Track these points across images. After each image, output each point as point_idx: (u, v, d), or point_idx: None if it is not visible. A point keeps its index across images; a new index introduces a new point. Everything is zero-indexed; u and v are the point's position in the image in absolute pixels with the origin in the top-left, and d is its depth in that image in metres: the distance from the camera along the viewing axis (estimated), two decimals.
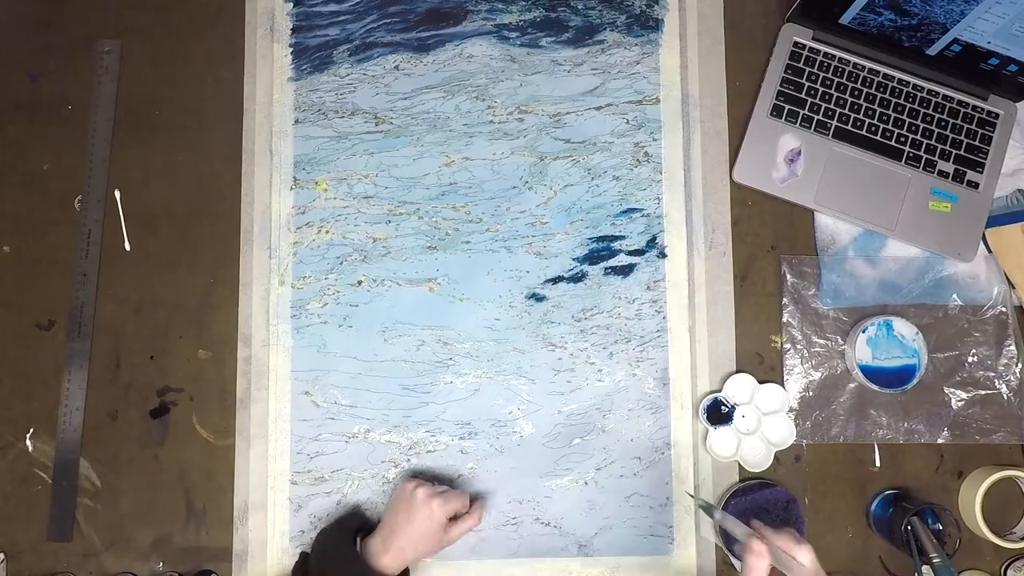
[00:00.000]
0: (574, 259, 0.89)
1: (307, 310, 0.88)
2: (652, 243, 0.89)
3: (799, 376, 0.87)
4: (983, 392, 0.87)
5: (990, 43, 0.83)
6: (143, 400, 0.87)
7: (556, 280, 0.89)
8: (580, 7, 0.92)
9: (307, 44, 0.91)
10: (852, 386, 0.87)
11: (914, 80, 0.89)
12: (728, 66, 0.91)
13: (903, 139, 0.89)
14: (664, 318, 0.88)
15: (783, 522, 0.83)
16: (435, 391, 0.88)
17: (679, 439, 0.87)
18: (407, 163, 0.90)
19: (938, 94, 0.89)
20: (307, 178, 0.90)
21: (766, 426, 0.85)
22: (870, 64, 0.90)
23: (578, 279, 0.89)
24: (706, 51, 0.91)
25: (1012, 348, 0.87)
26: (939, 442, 0.87)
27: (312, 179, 0.90)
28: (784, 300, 0.88)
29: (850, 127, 0.89)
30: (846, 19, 0.86)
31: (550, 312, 0.89)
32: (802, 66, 0.90)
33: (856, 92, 0.89)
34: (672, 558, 0.86)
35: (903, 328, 0.86)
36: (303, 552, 0.81)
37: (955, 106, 0.89)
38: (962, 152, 0.89)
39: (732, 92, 0.91)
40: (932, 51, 0.86)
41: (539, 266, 0.89)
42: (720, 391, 0.86)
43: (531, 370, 0.88)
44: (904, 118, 0.89)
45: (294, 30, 0.92)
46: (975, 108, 0.89)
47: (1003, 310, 0.87)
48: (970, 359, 0.87)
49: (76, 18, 0.91)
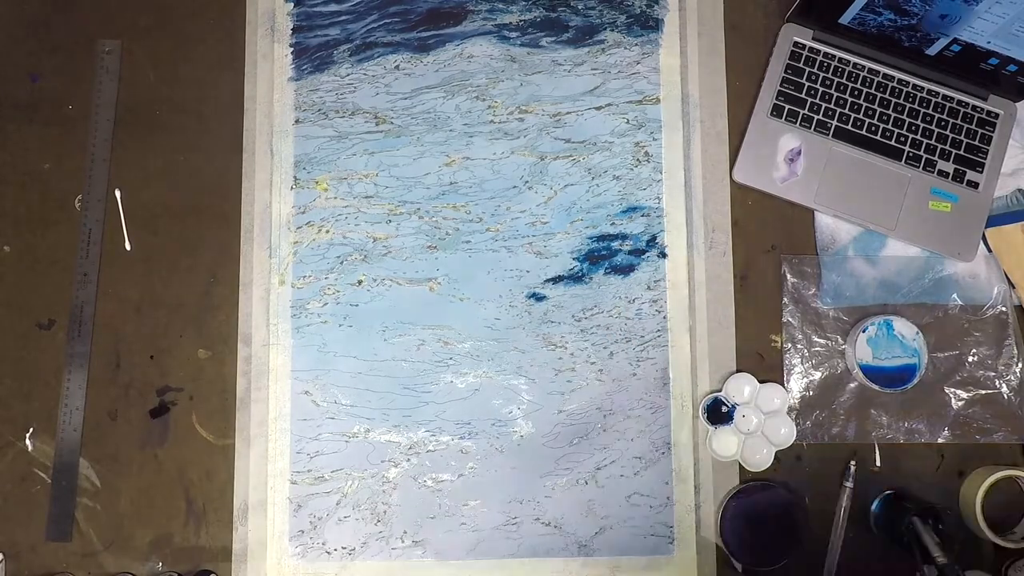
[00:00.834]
0: (574, 259, 0.89)
1: (307, 310, 0.88)
2: (652, 243, 0.89)
3: (799, 376, 0.87)
4: (983, 392, 0.87)
5: (990, 43, 0.83)
6: (143, 400, 0.87)
7: (556, 280, 0.89)
8: (580, 7, 0.92)
9: (307, 44, 0.92)
10: (852, 386, 0.87)
11: (914, 80, 0.90)
12: (728, 66, 0.91)
13: (903, 139, 0.89)
14: (664, 318, 0.88)
15: (784, 523, 0.83)
16: (435, 391, 0.88)
17: (679, 439, 0.87)
18: (407, 163, 0.90)
19: (938, 94, 0.89)
20: (307, 178, 0.90)
21: (767, 426, 0.85)
22: (870, 64, 0.90)
23: (578, 279, 0.89)
24: (706, 51, 0.91)
25: (1012, 348, 0.87)
26: (939, 442, 0.87)
27: (312, 179, 0.90)
28: (784, 300, 0.88)
29: (850, 127, 0.89)
30: (846, 19, 0.86)
31: (550, 312, 0.89)
32: (802, 66, 0.90)
33: (856, 92, 0.89)
34: (672, 558, 0.86)
35: (903, 328, 0.86)
36: None
37: (955, 106, 0.89)
38: (962, 152, 0.89)
39: (732, 92, 0.91)
40: (932, 51, 0.87)
41: (539, 266, 0.89)
42: (720, 391, 0.86)
43: (531, 370, 0.88)
44: (904, 118, 0.89)
45: (294, 30, 0.92)
46: (975, 108, 0.89)
47: (1003, 310, 0.87)
48: (970, 359, 0.87)
49: (76, 18, 0.91)
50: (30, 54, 0.91)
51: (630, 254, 0.89)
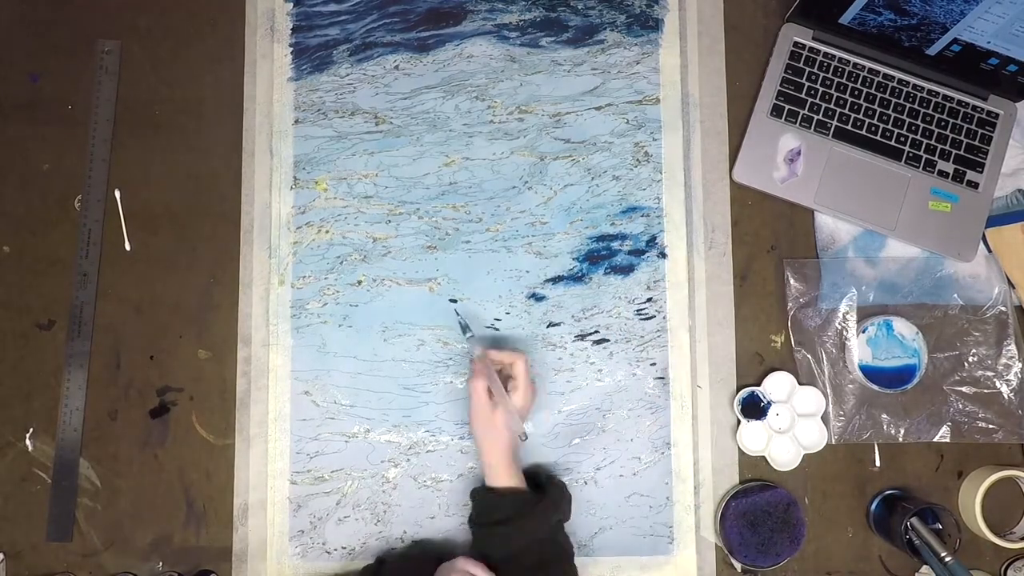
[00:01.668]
0: (574, 259, 0.89)
1: (307, 310, 0.88)
2: (652, 243, 0.89)
3: (802, 377, 0.87)
4: (983, 392, 0.87)
5: (990, 43, 0.83)
6: (143, 400, 0.87)
7: (556, 280, 0.89)
8: (580, 7, 0.92)
9: (307, 44, 0.91)
10: (852, 386, 0.87)
11: (914, 80, 0.89)
12: (728, 66, 0.91)
13: (903, 139, 0.89)
14: (664, 318, 0.88)
15: (784, 523, 0.83)
16: (435, 391, 0.88)
17: (679, 439, 0.87)
18: (407, 163, 0.90)
19: (938, 94, 0.89)
20: (307, 178, 0.90)
21: (799, 427, 0.86)
22: (870, 64, 0.90)
23: (578, 279, 0.89)
24: (706, 51, 0.91)
25: (1012, 348, 0.87)
26: (939, 442, 0.87)
27: (312, 179, 0.90)
28: (787, 302, 0.88)
29: (850, 127, 0.89)
30: (846, 19, 0.86)
31: (550, 312, 0.88)
32: (802, 66, 0.90)
33: (856, 92, 0.89)
34: (672, 558, 0.86)
35: (903, 328, 0.86)
36: (379, 558, 0.83)
37: (955, 106, 0.89)
38: (962, 152, 0.89)
39: (732, 92, 0.91)
40: (932, 51, 0.87)
41: (539, 266, 0.89)
42: (759, 385, 0.86)
43: (531, 370, 0.88)
44: (904, 118, 0.89)
45: (294, 30, 0.92)
46: (975, 108, 0.89)
47: (1003, 310, 0.87)
48: (970, 359, 0.87)
49: (76, 18, 0.91)
50: (30, 54, 0.91)
51: (630, 254, 0.89)
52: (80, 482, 0.86)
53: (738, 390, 0.87)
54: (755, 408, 0.86)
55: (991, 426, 0.86)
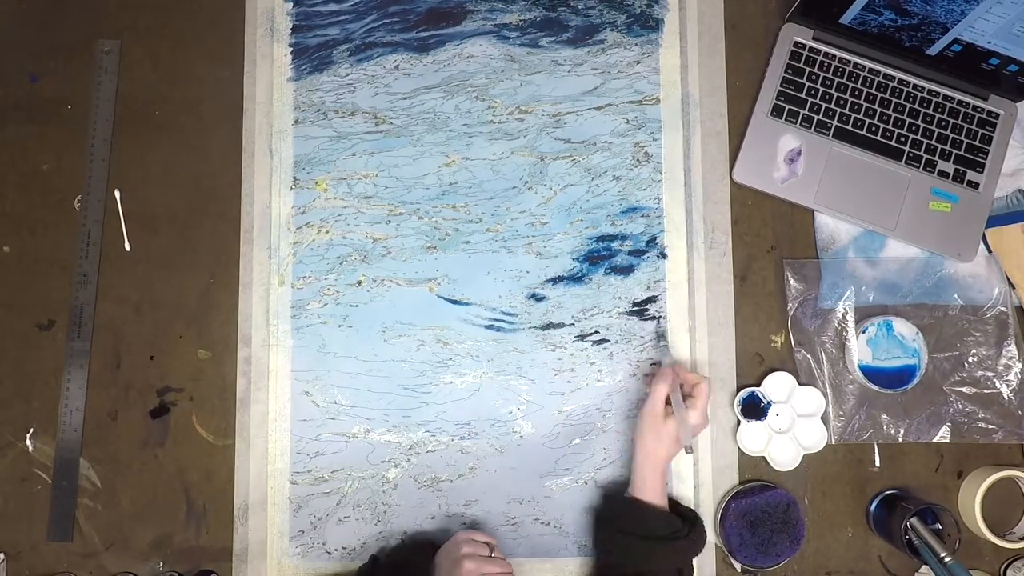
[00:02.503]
0: (574, 259, 0.89)
1: (307, 310, 0.88)
2: (652, 243, 0.89)
3: (803, 377, 0.87)
4: (983, 392, 0.87)
5: (990, 43, 0.82)
6: (143, 400, 0.87)
7: (556, 280, 0.89)
8: (580, 7, 0.92)
9: (307, 44, 0.91)
10: (852, 386, 0.87)
11: (914, 80, 0.89)
12: (728, 66, 0.91)
13: (903, 139, 0.89)
14: (664, 318, 0.88)
15: (784, 524, 0.83)
16: (435, 391, 0.88)
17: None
18: (407, 163, 0.90)
19: (938, 94, 0.89)
20: (307, 178, 0.90)
21: (799, 428, 0.86)
22: (870, 64, 0.90)
23: (578, 279, 0.89)
24: (706, 51, 0.91)
25: (1012, 348, 0.87)
26: (939, 442, 0.87)
27: (312, 179, 0.90)
28: (787, 302, 0.88)
29: (850, 127, 0.89)
30: (846, 19, 0.86)
31: (550, 312, 0.88)
32: (802, 66, 0.90)
33: (856, 92, 0.89)
34: None
35: (903, 328, 0.86)
36: (373, 556, 0.83)
37: (955, 106, 0.89)
38: (962, 152, 0.89)
39: (732, 92, 0.91)
40: (932, 51, 0.86)
41: (539, 266, 0.89)
42: (759, 386, 0.86)
43: (531, 370, 0.88)
44: (904, 118, 0.89)
45: (294, 30, 0.92)
46: (975, 108, 0.89)
47: (1003, 310, 0.87)
48: (970, 359, 0.87)
49: (76, 18, 0.91)
50: (30, 54, 0.91)
51: (630, 254, 0.89)
52: (80, 482, 0.86)
53: (738, 390, 0.87)
54: (755, 408, 0.86)
55: (991, 426, 0.86)
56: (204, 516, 0.86)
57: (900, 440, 0.86)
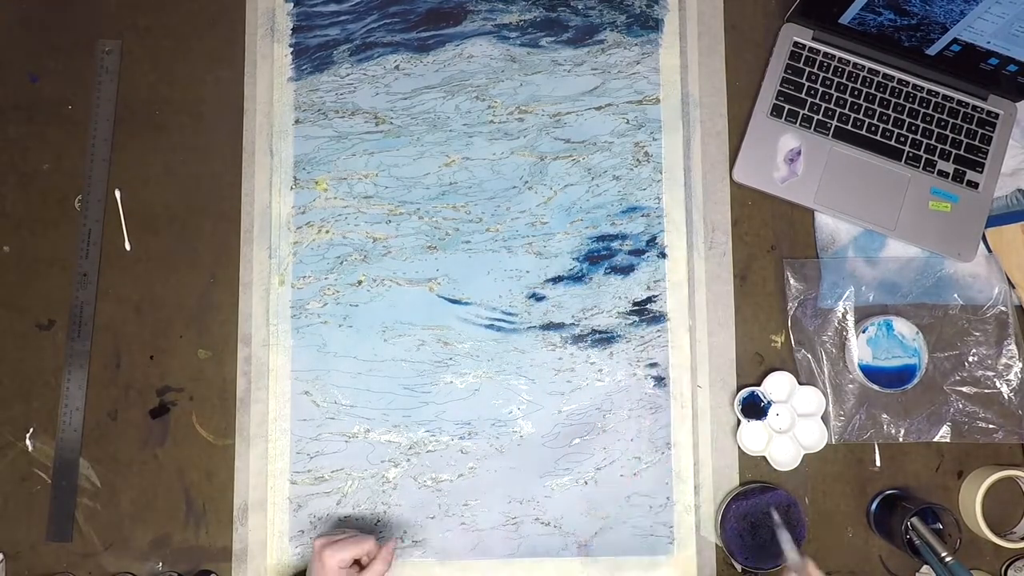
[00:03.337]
0: (574, 259, 0.89)
1: (307, 310, 0.88)
2: (652, 243, 0.89)
3: (803, 377, 0.87)
4: (983, 392, 0.87)
5: (990, 43, 0.83)
6: (143, 400, 0.87)
7: (556, 280, 0.89)
8: (580, 7, 0.92)
9: (307, 44, 0.92)
10: (852, 386, 0.87)
11: (914, 80, 0.90)
12: (728, 66, 0.91)
13: (903, 139, 0.89)
14: (664, 318, 0.88)
15: (784, 525, 0.83)
16: (435, 391, 0.88)
17: (679, 439, 0.87)
18: (407, 163, 0.90)
19: (938, 94, 0.89)
20: (307, 178, 0.90)
21: (799, 427, 0.86)
22: (870, 64, 0.90)
23: (578, 279, 0.89)
24: (706, 51, 0.91)
25: (1012, 348, 0.87)
26: (939, 442, 0.87)
27: (312, 179, 0.90)
28: (787, 302, 0.88)
29: (850, 127, 0.89)
30: (846, 19, 0.86)
31: (550, 312, 0.88)
32: (802, 66, 0.90)
33: (856, 92, 0.89)
34: (672, 558, 0.86)
35: (903, 328, 0.86)
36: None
37: (955, 106, 0.89)
38: (962, 152, 0.89)
39: (732, 92, 0.91)
40: (932, 51, 0.87)
41: (539, 266, 0.89)
42: (759, 385, 0.86)
43: (531, 370, 0.88)
44: (904, 118, 0.89)
45: (294, 30, 0.92)
46: (975, 108, 0.89)
47: (1003, 310, 0.87)
48: (970, 359, 0.87)
49: (76, 18, 0.91)
50: (30, 54, 0.91)
51: (630, 254, 0.89)
52: (80, 482, 0.86)
53: (738, 390, 0.87)
54: (755, 408, 0.86)
55: (991, 426, 0.86)
56: (204, 516, 0.86)
57: (900, 440, 0.86)
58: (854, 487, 0.87)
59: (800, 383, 0.87)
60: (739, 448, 0.86)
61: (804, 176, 0.89)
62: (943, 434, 0.86)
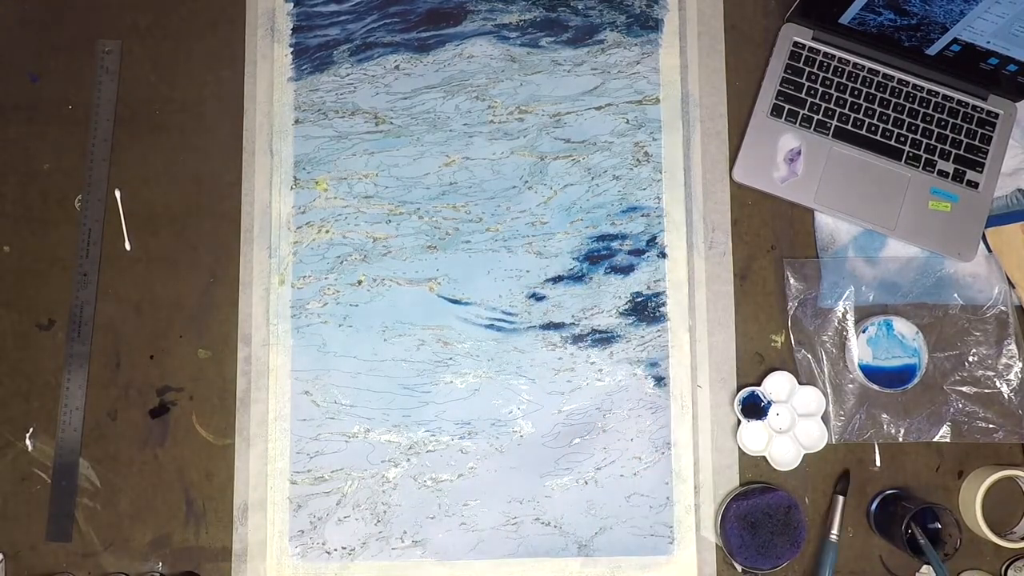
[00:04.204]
0: (574, 259, 0.89)
1: (307, 310, 0.88)
2: (652, 243, 0.89)
3: (801, 377, 0.87)
4: (983, 392, 0.87)
5: (990, 43, 0.83)
6: (143, 400, 0.87)
7: (556, 280, 0.89)
8: (580, 7, 0.92)
9: (307, 44, 0.92)
10: (852, 386, 0.87)
11: (914, 80, 0.90)
12: (728, 66, 0.91)
13: (903, 139, 0.89)
14: (664, 318, 0.88)
15: (784, 526, 0.83)
16: (435, 391, 0.88)
17: (679, 439, 0.87)
18: (407, 163, 0.90)
19: (938, 94, 0.89)
20: (307, 178, 0.90)
21: (799, 427, 0.86)
22: (870, 64, 0.90)
23: (578, 279, 0.89)
24: (706, 51, 0.91)
25: (1012, 348, 0.87)
26: (939, 442, 0.87)
27: (312, 179, 0.90)
28: (787, 302, 0.88)
29: (850, 127, 0.89)
30: (846, 19, 0.86)
31: (550, 312, 0.89)
32: (802, 66, 0.90)
33: (856, 92, 0.89)
34: (672, 558, 0.86)
35: (903, 328, 0.86)
36: None
37: (955, 106, 0.89)
38: (962, 152, 0.89)
39: (732, 92, 0.91)
40: (932, 51, 0.87)
41: (539, 266, 0.89)
42: (759, 385, 0.86)
43: (531, 370, 0.88)
44: (904, 118, 0.89)
45: (294, 30, 0.92)
46: (975, 108, 0.89)
47: (1003, 309, 0.87)
48: (970, 358, 0.87)
49: (76, 18, 0.91)
50: (30, 54, 0.91)
51: (630, 254, 0.89)
52: (80, 482, 0.86)
53: (738, 390, 0.87)
54: (755, 408, 0.86)
55: (991, 426, 0.86)
56: (204, 516, 0.86)
57: (900, 440, 0.86)
58: (854, 487, 0.86)
59: (800, 383, 0.87)
60: (739, 448, 0.86)
61: (804, 176, 0.89)
62: (943, 434, 0.86)
